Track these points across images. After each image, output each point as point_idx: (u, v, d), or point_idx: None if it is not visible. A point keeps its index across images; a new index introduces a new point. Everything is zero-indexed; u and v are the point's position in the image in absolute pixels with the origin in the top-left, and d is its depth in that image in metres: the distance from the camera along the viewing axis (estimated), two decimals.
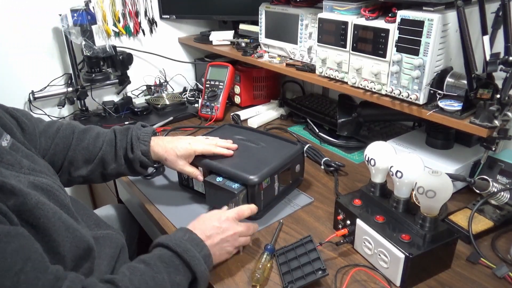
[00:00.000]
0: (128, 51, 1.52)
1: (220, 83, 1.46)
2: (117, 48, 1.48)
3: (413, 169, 0.74)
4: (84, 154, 0.90)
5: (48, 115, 1.51)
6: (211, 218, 0.78)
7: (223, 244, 0.76)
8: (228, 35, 1.58)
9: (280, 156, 0.95)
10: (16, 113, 0.80)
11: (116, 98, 1.63)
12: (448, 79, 0.89)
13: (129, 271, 0.66)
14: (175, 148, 0.91)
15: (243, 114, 1.46)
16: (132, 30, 1.61)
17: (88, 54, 1.38)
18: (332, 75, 1.09)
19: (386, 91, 0.97)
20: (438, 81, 0.89)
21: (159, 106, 1.54)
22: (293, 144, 1.02)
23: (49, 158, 0.87)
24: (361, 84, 1.02)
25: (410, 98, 0.92)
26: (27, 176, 0.66)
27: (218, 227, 0.76)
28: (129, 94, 1.66)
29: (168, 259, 0.68)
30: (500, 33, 0.80)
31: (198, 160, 0.94)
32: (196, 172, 0.93)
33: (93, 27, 1.39)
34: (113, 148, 0.91)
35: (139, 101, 1.61)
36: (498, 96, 0.79)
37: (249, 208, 0.83)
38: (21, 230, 0.55)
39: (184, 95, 1.69)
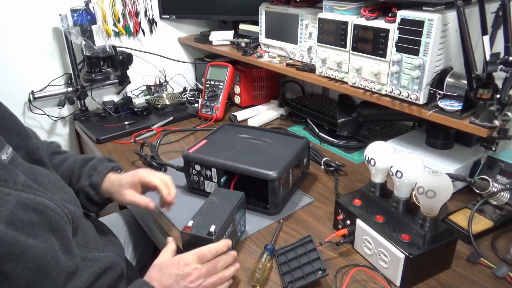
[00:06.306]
0: (128, 51, 1.52)
1: (220, 83, 1.46)
2: (117, 48, 1.47)
3: (413, 169, 0.74)
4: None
5: (48, 115, 1.51)
6: (168, 266, 0.71)
7: None
8: (228, 35, 1.58)
9: (291, 150, 0.97)
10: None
11: (116, 98, 1.62)
12: (448, 79, 0.89)
13: None
14: (119, 179, 0.86)
15: (243, 114, 1.46)
16: (132, 30, 1.61)
17: (88, 54, 1.38)
18: (332, 75, 1.09)
19: (386, 91, 0.97)
20: (438, 81, 0.89)
21: (159, 106, 1.54)
22: (299, 138, 1.04)
23: None
24: (361, 84, 1.02)
25: (410, 98, 0.92)
26: (19, 193, 0.60)
27: (177, 274, 0.69)
28: (129, 94, 1.66)
29: None
30: (500, 33, 0.80)
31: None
32: (145, 201, 0.84)
33: (93, 27, 1.39)
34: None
35: (139, 101, 1.62)
36: (498, 96, 0.79)
37: (209, 249, 0.72)
38: None
39: (184, 95, 1.69)
